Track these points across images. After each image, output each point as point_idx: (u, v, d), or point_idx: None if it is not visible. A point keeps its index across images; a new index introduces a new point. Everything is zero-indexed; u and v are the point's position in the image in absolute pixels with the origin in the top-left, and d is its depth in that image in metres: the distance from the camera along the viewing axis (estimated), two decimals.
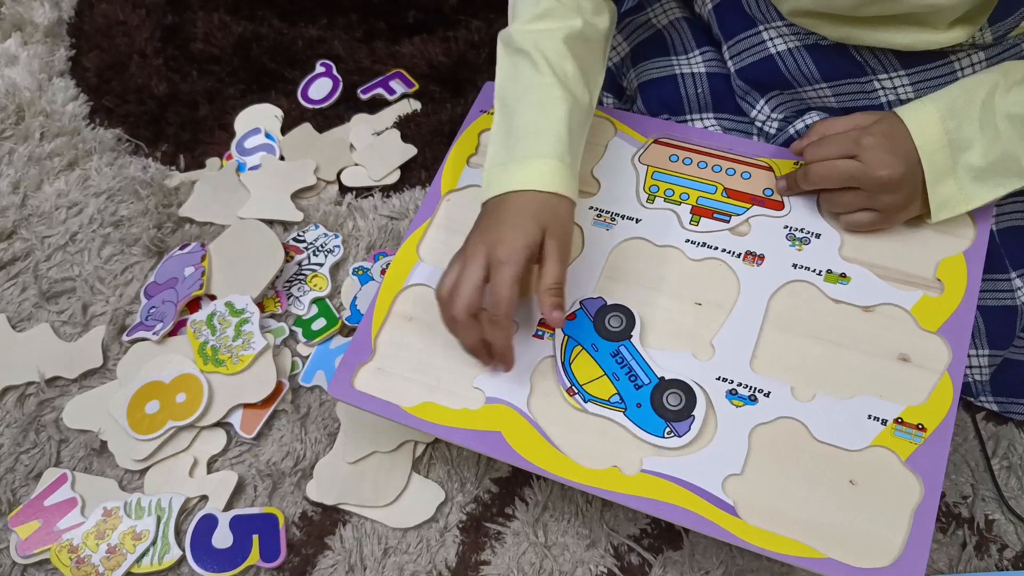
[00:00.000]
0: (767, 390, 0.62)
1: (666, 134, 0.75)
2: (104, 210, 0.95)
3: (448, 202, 0.74)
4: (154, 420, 0.77)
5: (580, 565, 0.69)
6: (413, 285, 0.70)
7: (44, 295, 0.89)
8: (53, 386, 0.83)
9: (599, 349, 0.65)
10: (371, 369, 0.67)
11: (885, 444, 0.59)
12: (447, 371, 0.66)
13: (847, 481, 0.58)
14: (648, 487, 0.59)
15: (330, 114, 1.04)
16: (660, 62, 0.78)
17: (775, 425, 0.61)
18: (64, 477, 0.76)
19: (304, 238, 0.90)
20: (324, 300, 0.86)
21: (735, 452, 0.60)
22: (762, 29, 0.71)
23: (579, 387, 0.63)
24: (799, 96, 0.72)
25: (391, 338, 0.68)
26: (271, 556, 0.71)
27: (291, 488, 0.75)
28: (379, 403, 0.65)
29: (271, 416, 0.79)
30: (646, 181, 0.73)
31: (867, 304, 0.64)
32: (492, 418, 0.63)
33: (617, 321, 0.66)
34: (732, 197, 0.71)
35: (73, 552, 0.72)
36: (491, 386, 0.65)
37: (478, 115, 0.79)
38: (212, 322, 0.82)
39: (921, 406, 0.60)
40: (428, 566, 0.71)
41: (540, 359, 0.65)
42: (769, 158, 0.72)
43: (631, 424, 0.61)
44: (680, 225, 0.70)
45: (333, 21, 1.13)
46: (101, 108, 1.06)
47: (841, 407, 0.61)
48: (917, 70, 0.66)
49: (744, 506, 0.58)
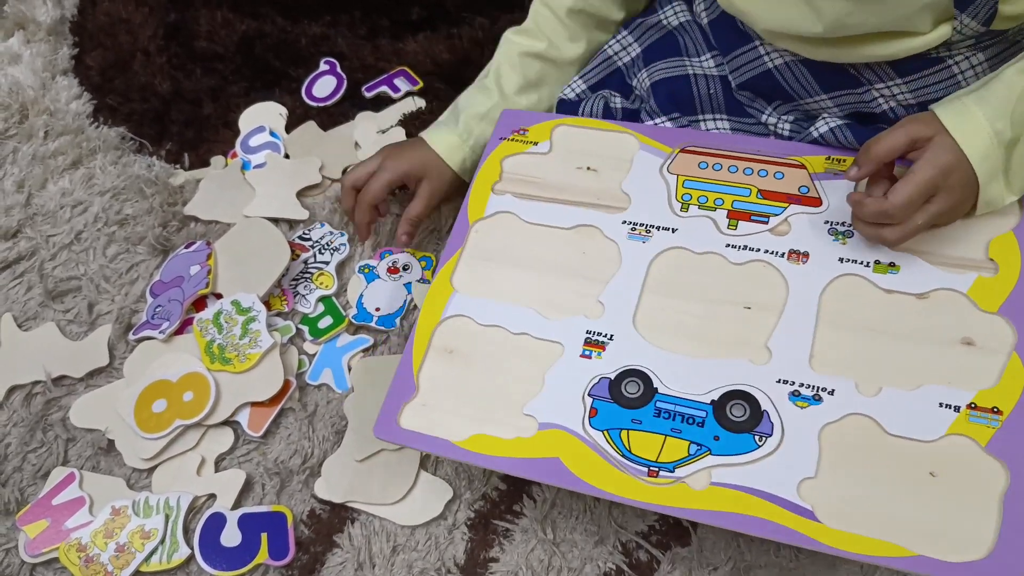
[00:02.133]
0: (831, 388, 0.60)
1: (692, 142, 0.74)
2: (109, 209, 0.95)
3: (477, 232, 0.74)
4: (161, 419, 0.77)
5: (589, 562, 0.69)
6: (451, 317, 0.69)
7: (50, 294, 0.89)
8: (60, 385, 0.83)
9: (642, 421, 0.62)
10: (416, 406, 0.66)
11: (962, 431, 0.57)
12: (495, 400, 0.65)
13: (927, 474, 0.56)
14: (721, 500, 0.58)
15: (334, 112, 1.03)
16: (673, 61, 0.78)
17: (844, 423, 0.59)
18: (72, 476, 0.76)
19: (310, 236, 0.90)
20: (330, 298, 0.85)
21: (806, 454, 0.58)
22: (758, 44, 0.72)
23: (656, 464, 0.60)
24: (802, 107, 0.72)
25: (433, 372, 0.67)
26: (280, 554, 0.71)
27: (299, 486, 0.75)
28: (428, 440, 0.64)
29: (278, 414, 0.79)
30: (678, 190, 0.72)
31: (921, 291, 0.63)
32: (548, 444, 0.62)
33: (634, 387, 0.63)
34: (768, 198, 0.69)
35: (82, 551, 0.72)
36: (544, 412, 0.64)
37: (498, 143, 0.79)
38: (219, 320, 0.82)
39: (993, 389, 0.58)
40: (437, 563, 0.71)
41: (592, 379, 0.64)
42: (800, 156, 0.71)
43: (725, 458, 0.59)
44: (718, 230, 0.69)
45: (337, 18, 1.12)
46: (105, 106, 1.06)
47: (910, 398, 0.59)
48: (914, 77, 0.66)
49: (823, 510, 0.56)
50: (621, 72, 0.83)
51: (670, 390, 0.63)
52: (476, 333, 0.68)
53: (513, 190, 0.75)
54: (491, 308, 0.69)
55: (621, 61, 0.83)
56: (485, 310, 0.69)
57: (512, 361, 0.67)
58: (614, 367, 0.64)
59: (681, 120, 0.76)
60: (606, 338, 0.66)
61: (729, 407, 0.61)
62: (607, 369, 0.64)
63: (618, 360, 0.65)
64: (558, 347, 0.66)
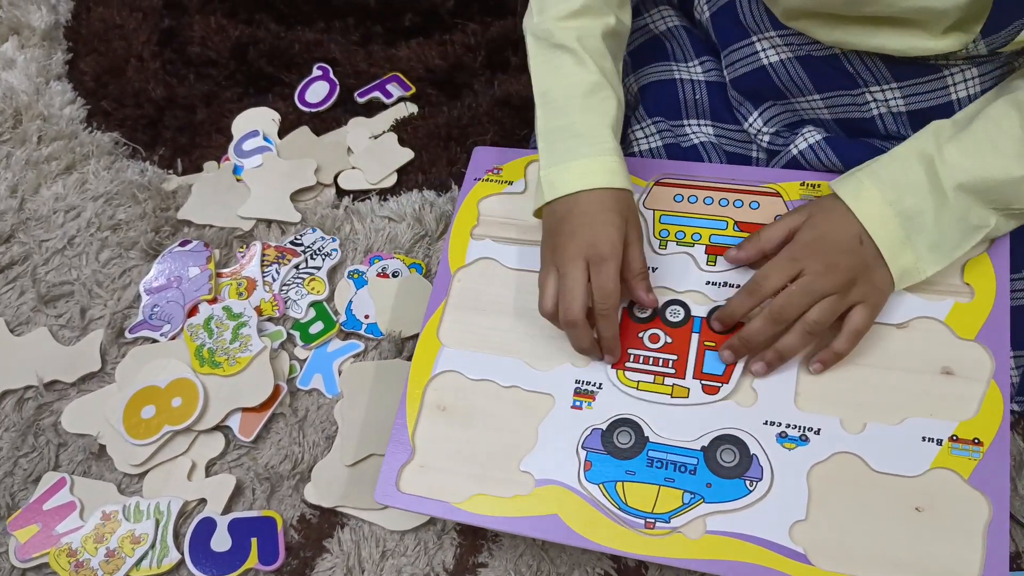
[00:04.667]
0: (816, 427, 0.61)
1: (667, 174, 0.73)
2: (102, 214, 0.95)
3: (459, 281, 0.73)
4: (150, 425, 0.77)
5: (577, 567, 0.70)
6: (441, 373, 0.69)
7: (42, 299, 0.89)
8: (51, 390, 0.83)
9: (635, 471, 0.62)
10: (414, 468, 0.66)
11: (945, 465, 0.58)
12: (491, 458, 0.65)
13: (913, 509, 0.57)
14: (715, 548, 0.58)
15: (327, 117, 1.04)
16: (660, 66, 0.79)
17: (831, 462, 0.60)
18: (63, 481, 0.76)
19: (302, 241, 0.90)
20: (322, 303, 0.86)
21: (796, 497, 0.59)
22: (755, 40, 0.72)
23: (652, 516, 0.60)
24: (792, 107, 0.72)
25: (428, 432, 0.67)
26: (269, 559, 0.72)
27: (289, 491, 0.76)
28: (429, 503, 0.64)
29: (269, 419, 0.79)
30: (655, 226, 0.71)
31: (899, 321, 0.63)
32: (546, 501, 0.62)
33: (626, 436, 0.63)
34: (744, 230, 0.69)
35: (72, 556, 0.72)
36: (539, 467, 0.63)
37: (473, 184, 0.77)
38: (209, 326, 0.82)
39: (973, 419, 0.59)
40: (426, 569, 0.71)
41: (584, 430, 0.64)
42: (774, 183, 0.71)
43: (718, 505, 0.60)
44: (697, 267, 0.68)
45: (330, 25, 1.13)
46: (98, 112, 1.06)
47: (893, 433, 0.60)
48: (909, 83, 0.66)
49: (815, 552, 0.57)
50: None
51: (661, 438, 0.63)
52: (467, 388, 0.68)
53: (492, 234, 0.74)
54: (480, 361, 0.69)
55: None
56: (474, 364, 0.68)
57: (505, 416, 0.66)
58: (605, 417, 0.64)
59: (665, 124, 0.76)
60: (594, 387, 0.66)
61: (719, 452, 0.61)
62: (598, 419, 0.64)
63: (608, 409, 0.65)
64: (549, 399, 0.66)
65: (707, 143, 0.75)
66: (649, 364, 0.66)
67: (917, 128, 0.67)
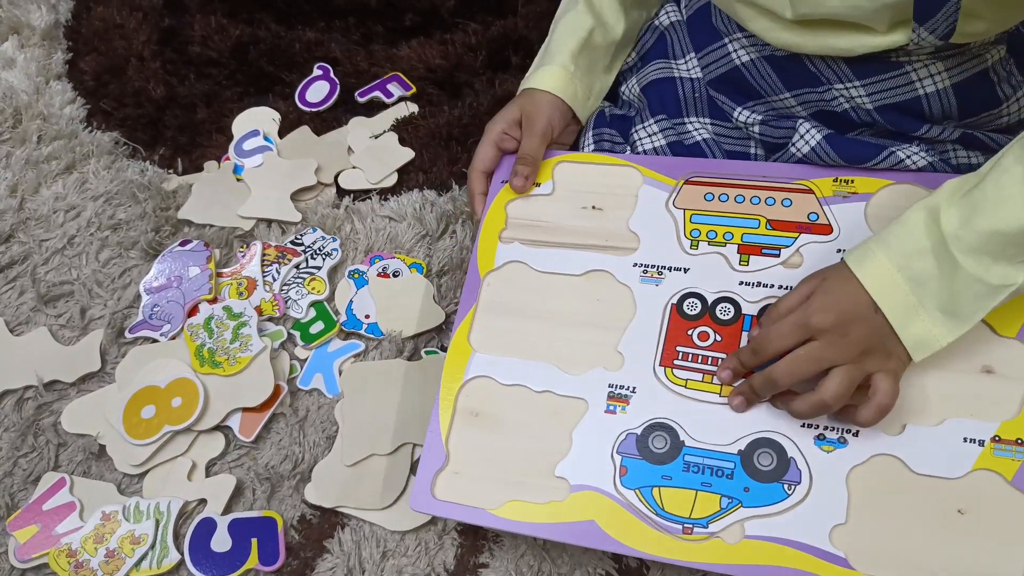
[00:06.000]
0: (854, 429, 0.60)
1: (696, 172, 0.72)
2: (102, 213, 0.95)
3: (488, 285, 0.72)
4: (150, 425, 0.77)
5: (578, 567, 0.70)
6: (473, 379, 0.68)
7: (42, 299, 0.89)
8: (51, 390, 0.83)
9: (672, 476, 0.61)
10: (448, 475, 0.65)
11: (987, 466, 0.57)
12: (525, 464, 0.64)
13: (955, 511, 0.56)
14: (755, 553, 0.58)
15: (328, 117, 1.04)
16: (659, 64, 0.79)
17: (870, 465, 0.59)
18: (63, 481, 0.76)
19: (302, 241, 0.90)
20: (322, 303, 0.86)
21: (836, 500, 0.58)
22: (727, 41, 0.73)
23: (690, 521, 0.60)
24: (769, 104, 0.72)
25: (462, 438, 0.66)
26: (270, 559, 0.71)
27: (290, 491, 0.75)
28: (464, 510, 0.64)
29: (269, 419, 0.79)
30: (686, 226, 0.70)
31: None
32: (582, 507, 0.62)
33: (661, 441, 0.63)
34: (777, 228, 0.68)
35: (72, 556, 0.72)
36: (575, 473, 0.63)
37: (500, 187, 0.76)
38: (210, 325, 0.82)
39: (1016, 419, 0.58)
40: (427, 569, 0.71)
41: (618, 435, 0.64)
42: (807, 179, 0.69)
43: (757, 509, 0.59)
44: (730, 267, 0.67)
45: (330, 24, 1.13)
46: (98, 111, 1.06)
47: (933, 434, 0.59)
48: (871, 80, 0.66)
49: (856, 556, 0.56)
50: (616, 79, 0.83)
51: (697, 442, 0.62)
52: (499, 393, 0.67)
53: (520, 236, 0.74)
54: (511, 366, 0.68)
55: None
56: (506, 369, 0.68)
57: (538, 421, 0.66)
58: (639, 421, 0.64)
59: (667, 123, 0.76)
60: (629, 391, 0.65)
61: (756, 456, 0.61)
62: (633, 424, 0.64)
63: (643, 414, 0.64)
64: (582, 403, 0.65)
65: (708, 140, 0.76)
66: (698, 362, 0.65)
67: (890, 121, 0.67)
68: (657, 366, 0.65)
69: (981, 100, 0.67)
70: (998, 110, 0.68)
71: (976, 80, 0.66)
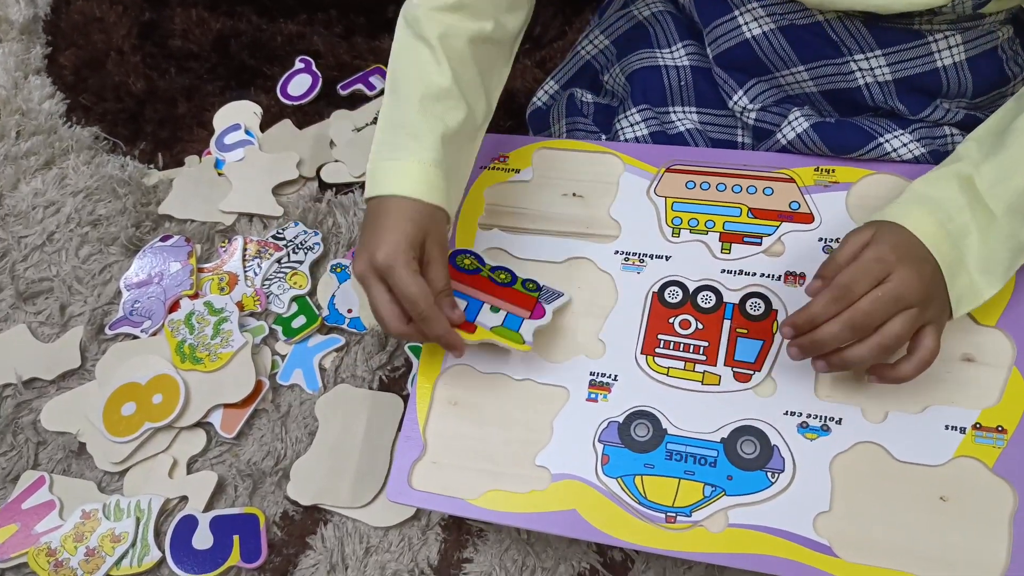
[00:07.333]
0: (837, 417, 0.60)
1: (677, 160, 0.71)
2: (82, 209, 0.94)
3: None
4: (131, 422, 0.76)
5: (563, 561, 0.69)
6: (451, 367, 0.67)
7: (21, 296, 0.88)
8: (31, 388, 0.82)
9: (654, 464, 0.61)
10: (427, 464, 0.64)
11: (968, 453, 0.57)
12: (505, 453, 0.63)
13: (938, 499, 0.57)
14: (739, 542, 0.57)
15: (310, 110, 1.03)
16: (643, 53, 0.78)
17: (853, 452, 0.59)
18: (42, 480, 0.75)
19: (284, 235, 0.90)
20: (304, 298, 0.85)
21: (819, 488, 0.58)
22: (737, 14, 0.71)
23: (673, 510, 0.59)
24: (777, 82, 0.72)
25: (440, 427, 0.65)
26: (252, 556, 0.71)
27: (272, 488, 0.75)
28: (443, 500, 0.63)
29: (251, 415, 0.78)
30: (667, 214, 0.69)
31: None
32: (564, 496, 0.61)
33: (643, 429, 0.62)
34: (759, 217, 0.68)
35: (51, 555, 0.71)
36: (556, 462, 0.62)
37: (480, 172, 0.75)
38: (191, 321, 0.81)
39: (996, 407, 0.58)
40: (410, 564, 0.70)
41: (600, 423, 0.63)
42: (788, 168, 0.69)
43: (740, 498, 0.59)
44: (711, 255, 0.67)
45: (312, 17, 1.12)
46: (78, 106, 1.05)
47: (915, 421, 0.59)
48: (893, 49, 0.66)
49: (839, 544, 0.56)
50: (591, 67, 0.82)
51: (679, 430, 0.62)
52: (478, 382, 0.66)
53: (499, 223, 0.72)
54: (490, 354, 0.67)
55: (590, 55, 0.83)
56: (484, 357, 0.67)
57: (518, 409, 0.65)
58: (621, 409, 0.63)
59: (651, 112, 0.76)
60: (610, 379, 0.65)
61: (739, 444, 0.61)
62: (614, 412, 0.63)
63: (625, 402, 0.63)
64: (563, 391, 0.65)
65: (692, 130, 0.75)
66: (679, 350, 0.65)
67: (904, 98, 0.66)
68: (639, 354, 0.65)
69: (991, 77, 0.67)
70: (1005, 88, 0.68)
71: (987, 57, 0.66)
